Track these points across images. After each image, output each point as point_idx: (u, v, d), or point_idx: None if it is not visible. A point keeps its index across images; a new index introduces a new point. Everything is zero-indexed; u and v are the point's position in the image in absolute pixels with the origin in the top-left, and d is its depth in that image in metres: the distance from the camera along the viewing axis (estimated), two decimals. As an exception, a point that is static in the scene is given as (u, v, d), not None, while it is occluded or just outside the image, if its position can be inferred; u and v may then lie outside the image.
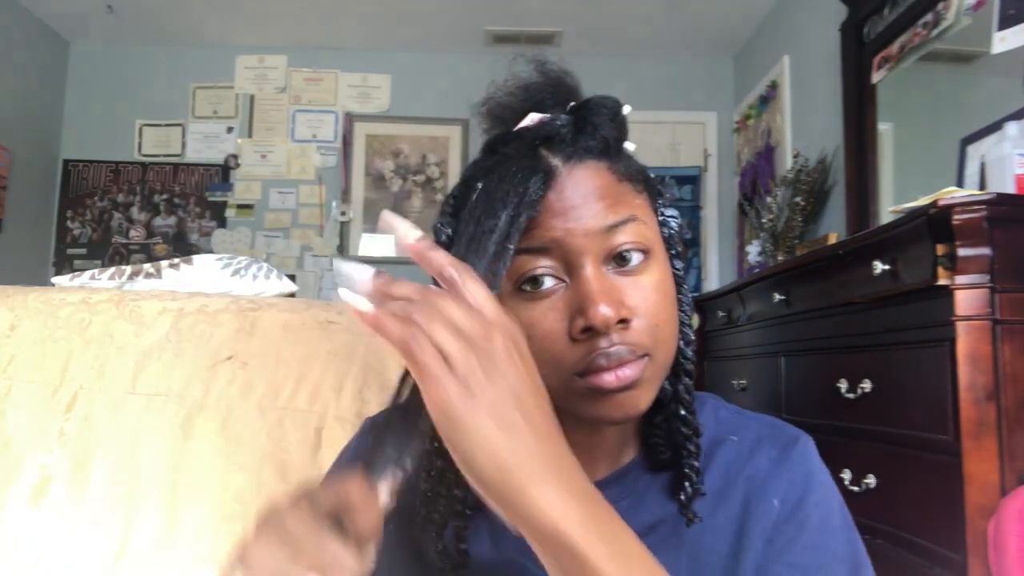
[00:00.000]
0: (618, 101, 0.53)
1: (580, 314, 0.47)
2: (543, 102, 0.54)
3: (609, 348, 0.47)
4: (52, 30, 3.65)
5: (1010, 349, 1.09)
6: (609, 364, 0.46)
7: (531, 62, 0.54)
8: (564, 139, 0.50)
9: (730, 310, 2.24)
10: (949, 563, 1.11)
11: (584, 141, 0.50)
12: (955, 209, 1.11)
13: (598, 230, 0.48)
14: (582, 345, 0.47)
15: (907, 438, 1.24)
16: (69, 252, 3.71)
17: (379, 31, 3.61)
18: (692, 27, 3.46)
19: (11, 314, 1.03)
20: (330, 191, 3.73)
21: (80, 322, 1.01)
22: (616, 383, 0.47)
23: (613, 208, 0.49)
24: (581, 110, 0.52)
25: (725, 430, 0.59)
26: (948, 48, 1.93)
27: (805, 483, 0.55)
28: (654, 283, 0.49)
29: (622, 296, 0.48)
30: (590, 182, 0.49)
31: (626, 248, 0.48)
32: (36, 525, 0.89)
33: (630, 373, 0.47)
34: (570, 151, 0.50)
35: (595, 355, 0.47)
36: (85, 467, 0.91)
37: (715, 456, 0.57)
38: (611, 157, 0.51)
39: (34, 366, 0.98)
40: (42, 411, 0.95)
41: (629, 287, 0.49)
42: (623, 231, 0.49)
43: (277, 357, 0.97)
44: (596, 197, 0.49)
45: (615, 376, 0.47)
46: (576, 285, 0.48)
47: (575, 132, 0.51)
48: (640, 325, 0.48)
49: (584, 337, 0.47)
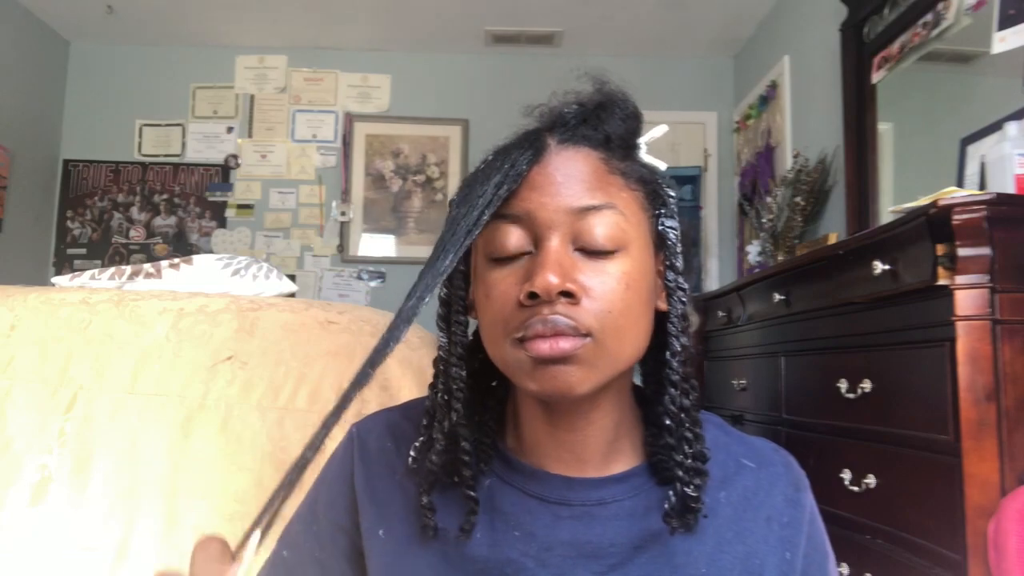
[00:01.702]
0: (635, 105, 0.55)
1: (528, 280, 0.48)
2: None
3: (548, 315, 0.47)
4: (52, 30, 3.65)
5: (1010, 349, 1.09)
6: (544, 330, 0.47)
7: (592, 80, 0.55)
8: (566, 124, 0.52)
9: (730, 310, 2.24)
10: (949, 563, 1.11)
11: (584, 129, 0.52)
12: (955, 209, 1.11)
13: (570, 208, 0.49)
14: (526, 310, 0.48)
15: (907, 438, 1.24)
16: (69, 252, 3.71)
17: (379, 31, 3.61)
18: (692, 27, 3.45)
19: (11, 314, 1.03)
20: (330, 191, 3.73)
21: (80, 322, 1.01)
22: (548, 352, 0.47)
23: (591, 192, 0.50)
24: (596, 106, 0.53)
25: (741, 453, 0.59)
26: (948, 48, 1.93)
27: (816, 531, 0.58)
28: (619, 273, 0.50)
29: (577, 276, 0.48)
30: (575, 164, 0.51)
31: (597, 234, 0.49)
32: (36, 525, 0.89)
33: (565, 346, 0.47)
34: (567, 135, 0.52)
35: (535, 319, 0.47)
36: (85, 467, 0.91)
37: (734, 478, 0.57)
38: (609, 151, 0.52)
39: (34, 366, 0.98)
40: (42, 411, 0.95)
41: (589, 269, 0.49)
42: (597, 216, 0.49)
43: (277, 357, 0.97)
44: (577, 179, 0.50)
45: (549, 345, 0.47)
46: (536, 255, 0.49)
47: (579, 120, 0.52)
48: (589, 306, 0.48)
49: (530, 303, 0.48)
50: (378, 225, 3.70)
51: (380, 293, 3.63)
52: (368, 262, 3.67)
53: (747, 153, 3.45)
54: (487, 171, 0.51)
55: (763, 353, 1.93)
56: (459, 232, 0.49)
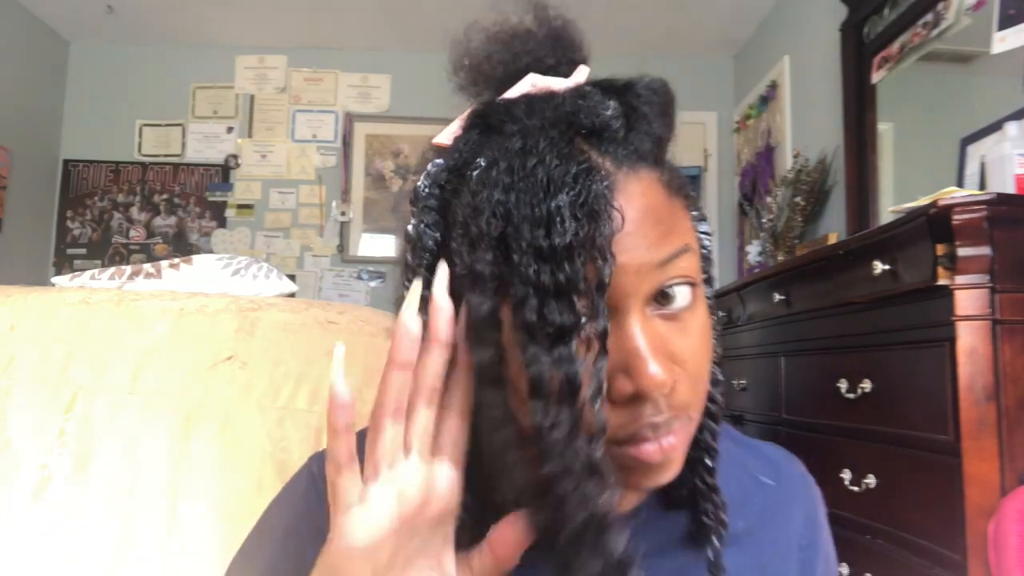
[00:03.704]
0: (670, 88, 0.44)
1: (626, 375, 0.37)
2: (541, 59, 0.43)
3: (656, 418, 0.38)
4: (52, 30, 3.65)
5: (1010, 349, 1.09)
6: (656, 435, 0.39)
7: (525, 3, 0.43)
8: (614, 136, 0.39)
9: (730, 310, 2.24)
10: (949, 563, 1.11)
11: (636, 140, 0.40)
12: (955, 209, 1.11)
13: (651, 265, 0.38)
14: (624, 411, 0.38)
15: (907, 438, 1.24)
16: (69, 252, 3.71)
17: (379, 31, 3.61)
18: (692, 27, 3.45)
19: (11, 314, 1.03)
20: (330, 191, 3.73)
21: (80, 322, 1.01)
22: (659, 456, 0.39)
23: (667, 237, 0.39)
24: (627, 95, 0.41)
25: (758, 468, 0.54)
26: (948, 48, 1.93)
27: (829, 548, 0.55)
28: (700, 327, 0.41)
29: (670, 347, 0.39)
30: (644, 200, 0.38)
31: (674, 283, 0.39)
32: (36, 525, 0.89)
33: (675, 442, 0.39)
34: (622, 153, 0.39)
35: (640, 426, 0.38)
36: (85, 467, 0.91)
37: (751, 499, 0.51)
38: (660, 164, 0.41)
39: (34, 366, 0.98)
40: (42, 411, 0.95)
41: (675, 334, 0.40)
42: (676, 265, 0.39)
43: (277, 357, 0.97)
44: (652, 222, 0.38)
45: (659, 447, 0.39)
46: (620, 333, 0.38)
47: (626, 127, 0.40)
48: (685, 382, 0.40)
49: (627, 401, 0.38)
50: (378, 225, 3.70)
51: (380, 293, 3.63)
52: (368, 262, 3.67)
53: (747, 153, 3.45)
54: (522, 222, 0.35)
55: (763, 353, 1.93)
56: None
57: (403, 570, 0.38)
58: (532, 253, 0.35)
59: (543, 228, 0.35)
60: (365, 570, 0.36)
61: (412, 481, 0.37)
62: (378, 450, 0.37)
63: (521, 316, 0.35)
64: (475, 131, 0.41)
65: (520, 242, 0.35)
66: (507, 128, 0.39)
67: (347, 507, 0.37)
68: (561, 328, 0.35)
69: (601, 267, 0.35)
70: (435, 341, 0.37)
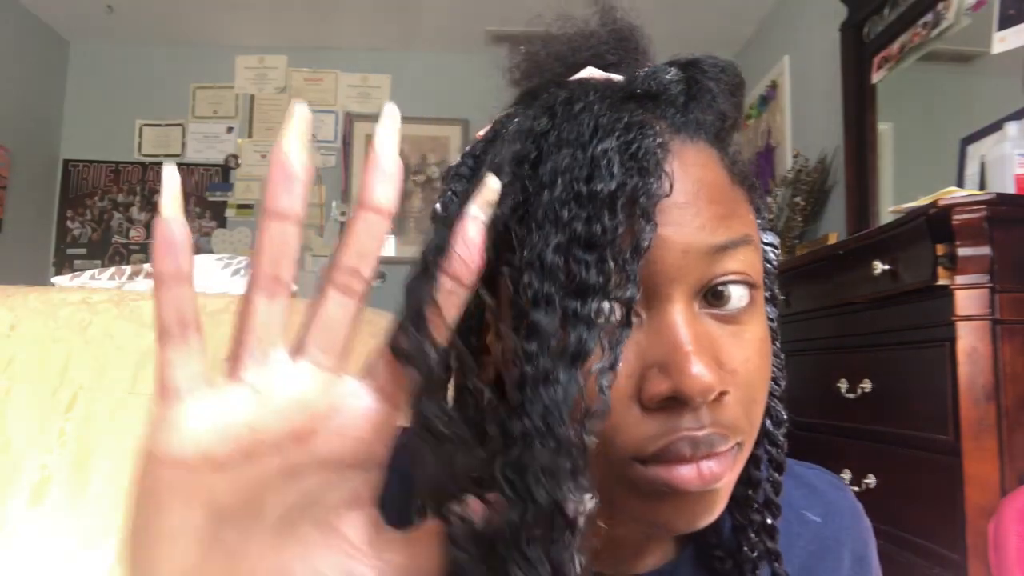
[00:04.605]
0: (738, 69, 0.39)
1: (662, 372, 0.31)
2: (603, 54, 0.40)
3: (698, 432, 0.32)
4: (52, 30, 3.65)
5: (1010, 349, 1.09)
6: (694, 455, 0.32)
7: (592, 5, 0.40)
8: (673, 101, 0.35)
9: (730, 310, 2.24)
10: (949, 563, 1.11)
11: (697, 110, 0.35)
12: (955, 209, 1.11)
13: (703, 249, 0.32)
14: (657, 419, 0.32)
15: (907, 438, 1.24)
16: (69, 252, 3.71)
17: (379, 31, 3.61)
18: (692, 27, 3.45)
19: (11, 314, 1.03)
20: (330, 191, 3.73)
21: (80, 322, 1.01)
22: (698, 482, 0.32)
23: (725, 221, 0.33)
24: (692, 69, 0.36)
25: (803, 503, 0.47)
26: (948, 48, 1.93)
27: None
28: (758, 340, 0.35)
29: (720, 353, 0.33)
30: (701, 173, 0.34)
31: (730, 280, 0.33)
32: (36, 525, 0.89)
33: (717, 469, 0.32)
34: (681, 121, 0.35)
35: (678, 439, 0.32)
36: (85, 467, 0.91)
37: (797, 541, 0.44)
38: (724, 147, 0.37)
39: (34, 366, 0.98)
40: (42, 411, 0.95)
41: (727, 340, 0.33)
42: (732, 256, 0.33)
43: (277, 357, 0.97)
44: (708, 199, 0.33)
45: (697, 472, 0.32)
46: (658, 325, 0.32)
47: (687, 96, 0.35)
48: (737, 400, 0.33)
49: (661, 407, 0.32)
50: (378, 225, 3.70)
51: (380, 293, 3.63)
52: (368, 262, 3.67)
53: (747, 153, 3.45)
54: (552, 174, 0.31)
55: (763, 353, 1.93)
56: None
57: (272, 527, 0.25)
58: (570, 196, 0.30)
59: (585, 171, 0.30)
60: (188, 500, 0.24)
61: (289, 387, 0.25)
62: (243, 336, 0.26)
63: (540, 262, 0.30)
64: (520, 108, 0.36)
65: (556, 182, 0.30)
66: (559, 103, 0.34)
67: (172, 393, 0.25)
68: (584, 285, 0.29)
69: (642, 227, 0.30)
70: (366, 205, 0.26)
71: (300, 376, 0.25)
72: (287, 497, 0.25)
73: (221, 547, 0.24)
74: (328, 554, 0.25)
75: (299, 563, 0.25)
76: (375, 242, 0.26)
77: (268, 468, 0.24)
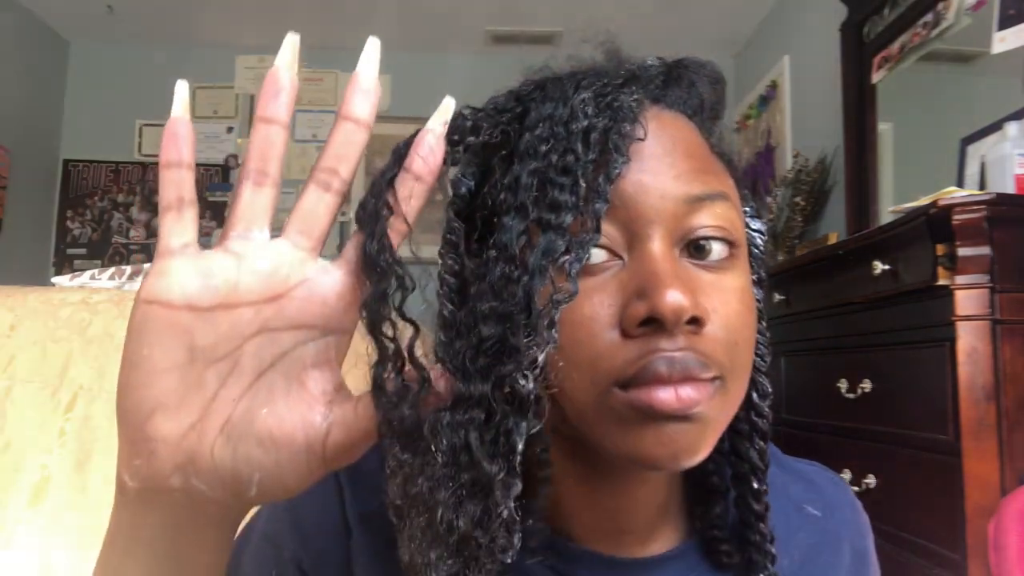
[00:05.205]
0: (720, 72, 0.43)
1: (640, 298, 0.34)
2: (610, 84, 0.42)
3: (674, 351, 0.34)
4: (52, 30, 3.65)
5: (1010, 349, 1.09)
6: (671, 375, 0.33)
7: (598, 47, 0.44)
8: (652, 79, 0.39)
9: (730, 310, 2.24)
10: (949, 563, 1.11)
11: (677, 91, 0.39)
12: (955, 209, 1.11)
13: (678, 196, 0.35)
14: (636, 343, 0.34)
15: (907, 438, 1.24)
16: (69, 252, 3.71)
17: (379, 31, 3.59)
18: (692, 27, 3.45)
19: (11, 314, 1.03)
20: (330, 191, 3.73)
21: (80, 322, 1.01)
22: (675, 404, 0.33)
23: (703, 175, 0.36)
24: (674, 64, 0.41)
25: (803, 497, 0.49)
26: (948, 48, 1.93)
27: None
28: (739, 288, 0.37)
29: (699, 292, 0.35)
30: (679, 132, 0.37)
31: (709, 235, 0.36)
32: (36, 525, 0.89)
33: (695, 395, 0.34)
34: (658, 94, 0.39)
35: (655, 358, 0.33)
36: (85, 467, 0.91)
37: (797, 534, 0.47)
38: (703, 123, 0.40)
39: (34, 366, 0.98)
40: (42, 411, 0.95)
41: (708, 285, 0.36)
42: (709, 210, 0.36)
43: (277, 357, 0.97)
44: (684, 153, 0.36)
45: (675, 393, 0.33)
46: (638, 262, 0.35)
47: (668, 78, 0.40)
48: (716, 334, 0.35)
49: (640, 332, 0.34)
50: (378, 225, 3.70)
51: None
52: (368, 262, 3.67)
53: (747, 153, 3.45)
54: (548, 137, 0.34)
55: (763, 353, 1.93)
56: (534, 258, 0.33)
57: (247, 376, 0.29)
58: (548, 135, 0.34)
59: (565, 115, 0.35)
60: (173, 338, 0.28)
61: (267, 258, 0.30)
62: (232, 216, 0.30)
63: (517, 183, 0.34)
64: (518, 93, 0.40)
65: (536, 126, 0.35)
66: (551, 87, 0.38)
67: (167, 252, 0.29)
68: (556, 201, 0.33)
69: (614, 159, 0.34)
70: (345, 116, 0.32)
71: (278, 250, 0.30)
72: (262, 352, 0.29)
73: (201, 387, 0.29)
74: (291, 401, 0.30)
75: (266, 407, 0.29)
76: (352, 148, 0.32)
77: (244, 321, 0.29)
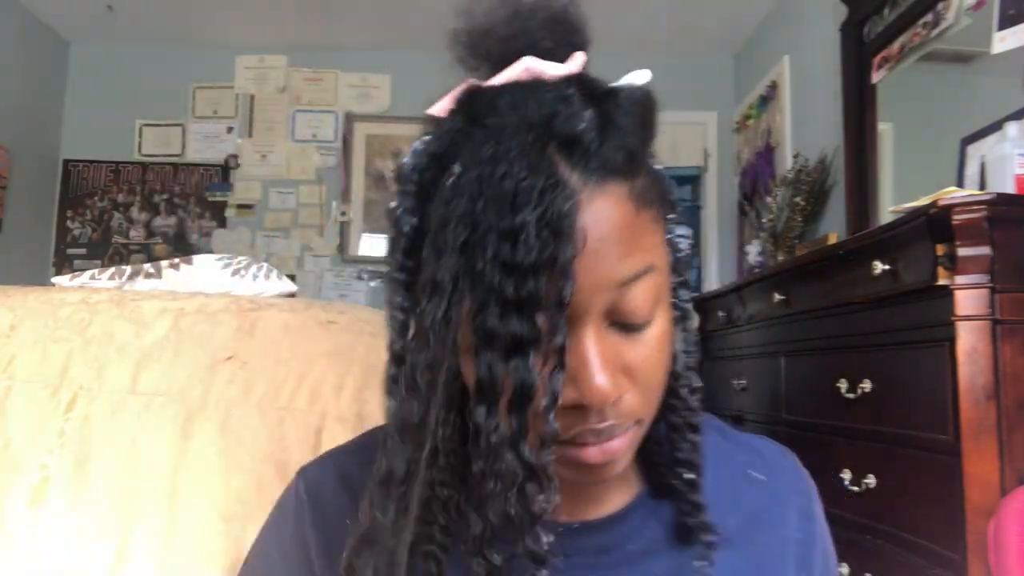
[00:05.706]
0: (653, 98, 0.43)
1: (571, 384, 0.38)
2: (538, 41, 0.43)
3: (599, 425, 0.40)
4: (52, 30, 3.65)
5: (1010, 349, 1.09)
6: (598, 440, 0.41)
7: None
8: (586, 149, 0.38)
9: (730, 310, 2.24)
10: (949, 563, 1.11)
11: (608, 152, 0.39)
12: (955, 209, 1.11)
13: (610, 284, 0.38)
14: (569, 416, 0.40)
15: (907, 438, 1.24)
16: (69, 252, 3.71)
17: (379, 31, 3.61)
18: (692, 27, 3.45)
19: (11, 314, 1.03)
20: (330, 191, 3.73)
21: (80, 322, 1.01)
22: (600, 457, 0.41)
23: (629, 255, 0.39)
24: (607, 104, 0.40)
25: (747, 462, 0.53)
26: (948, 48, 1.93)
27: (827, 542, 0.54)
28: (657, 337, 0.41)
29: (622, 359, 0.40)
30: (609, 217, 0.38)
31: (638, 309, 0.40)
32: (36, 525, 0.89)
33: (617, 445, 0.41)
34: (592, 167, 0.38)
35: (584, 431, 0.40)
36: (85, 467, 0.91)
37: (742, 496, 0.51)
38: (632, 175, 0.40)
39: (34, 366, 0.98)
40: (42, 411, 0.95)
41: (630, 346, 0.41)
42: (636, 288, 0.39)
43: (277, 357, 0.97)
44: (614, 240, 0.38)
45: (600, 450, 0.41)
46: (572, 345, 0.38)
47: (599, 140, 0.39)
48: (635, 393, 0.41)
49: (572, 408, 0.39)
50: (378, 225, 3.70)
51: (380, 293, 3.62)
52: (368, 262, 3.67)
53: (747, 153, 3.45)
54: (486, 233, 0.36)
55: (763, 353, 1.93)
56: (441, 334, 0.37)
57: None
58: (497, 265, 0.36)
59: (508, 242, 0.35)
60: None
61: None
62: None
63: (481, 322, 0.36)
64: (459, 118, 0.42)
65: (485, 252, 0.36)
66: (489, 121, 0.39)
67: None
68: (520, 339, 0.36)
69: (562, 286, 0.36)
70: None
71: None
72: None
73: None
74: None
75: None
76: None
77: None
